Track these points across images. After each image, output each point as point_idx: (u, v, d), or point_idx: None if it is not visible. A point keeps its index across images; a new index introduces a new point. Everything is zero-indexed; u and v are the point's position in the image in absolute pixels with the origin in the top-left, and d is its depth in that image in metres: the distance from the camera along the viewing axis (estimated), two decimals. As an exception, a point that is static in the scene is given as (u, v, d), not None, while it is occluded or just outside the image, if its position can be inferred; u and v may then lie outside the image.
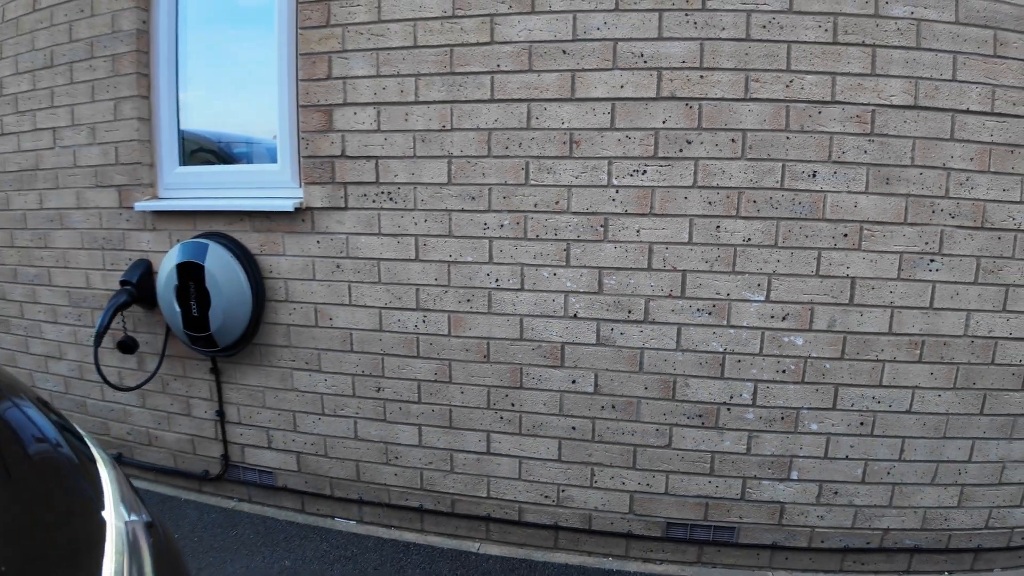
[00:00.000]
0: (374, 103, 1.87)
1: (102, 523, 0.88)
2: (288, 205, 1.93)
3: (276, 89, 1.97)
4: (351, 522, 2.19)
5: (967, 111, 1.71)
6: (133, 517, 0.97)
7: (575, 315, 1.86)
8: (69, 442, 1.10)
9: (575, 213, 1.81)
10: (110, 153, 2.23)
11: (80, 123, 2.29)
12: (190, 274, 1.97)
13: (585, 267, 1.83)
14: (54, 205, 2.39)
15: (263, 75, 2.03)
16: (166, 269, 2.02)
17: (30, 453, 1.04)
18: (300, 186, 2.01)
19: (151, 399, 2.35)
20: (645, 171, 1.76)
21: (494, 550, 2.05)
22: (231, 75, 2.27)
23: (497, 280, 1.89)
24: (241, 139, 2.41)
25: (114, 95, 2.20)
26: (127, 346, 2.18)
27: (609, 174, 1.78)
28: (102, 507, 0.94)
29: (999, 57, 1.70)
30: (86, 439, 1.17)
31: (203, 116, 2.30)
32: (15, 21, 2.43)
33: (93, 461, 1.11)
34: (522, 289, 1.88)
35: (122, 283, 2.17)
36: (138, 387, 2.24)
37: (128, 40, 2.17)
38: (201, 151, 2.29)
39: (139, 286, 2.17)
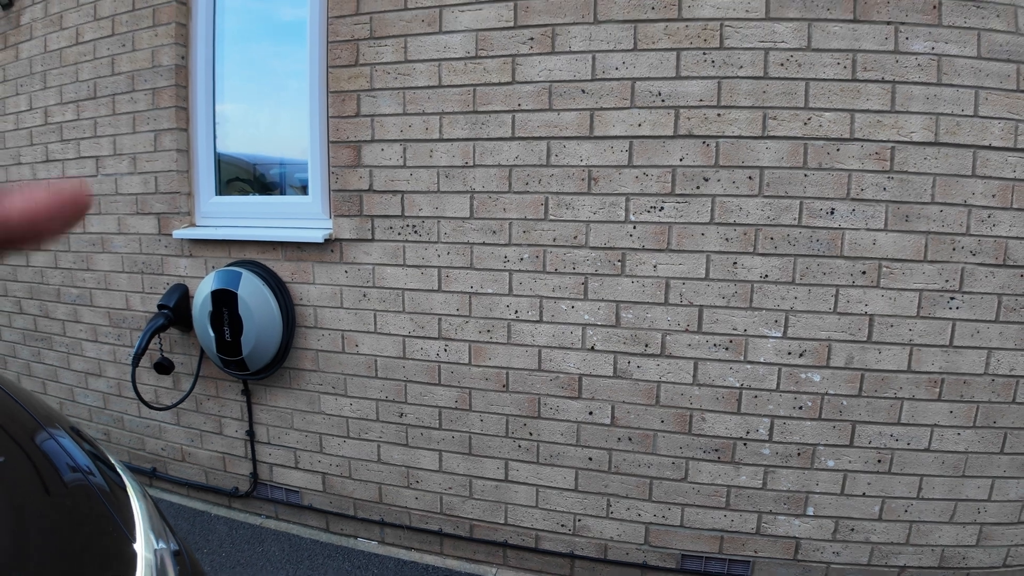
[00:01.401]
0: (400, 140, 1.95)
1: (133, 553, 0.95)
2: (318, 236, 2.02)
3: (307, 122, 2.07)
4: (373, 542, 2.26)
5: (989, 147, 1.71)
6: (161, 545, 1.04)
7: (592, 347, 1.90)
8: (101, 471, 1.18)
9: (593, 248, 1.86)
10: (150, 182, 2.36)
11: (122, 153, 2.41)
12: (224, 301, 2.07)
13: (603, 300, 1.87)
14: (96, 230, 2.53)
15: (295, 104, 2.13)
16: (202, 295, 2.12)
17: (66, 481, 1.12)
18: (330, 218, 2.10)
19: (185, 417, 2.46)
20: (662, 207, 1.80)
21: (511, 575, 2.09)
22: (265, 103, 2.38)
23: (516, 312, 1.94)
24: (275, 160, 2.51)
25: (154, 127, 2.32)
26: (163, 367, 2.29)
27: (627, 210, 1.82)
28: (133, 536, 1.01)
29: (1022, 91, 1.70)
30: (118, 468, 1.25)
31: (238, 141, 2.41)
32: (59, 52, 2.58)
33: (124, 489, 1.19)
34: (541, 321, 1.93)
35: (159, 307, 2.28)
36: (173, 406, 2.35)
37: (167, 75, 2.29)
38: (237, 180, 2.39)
39: (176, 310, 2.28)
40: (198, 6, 2.26)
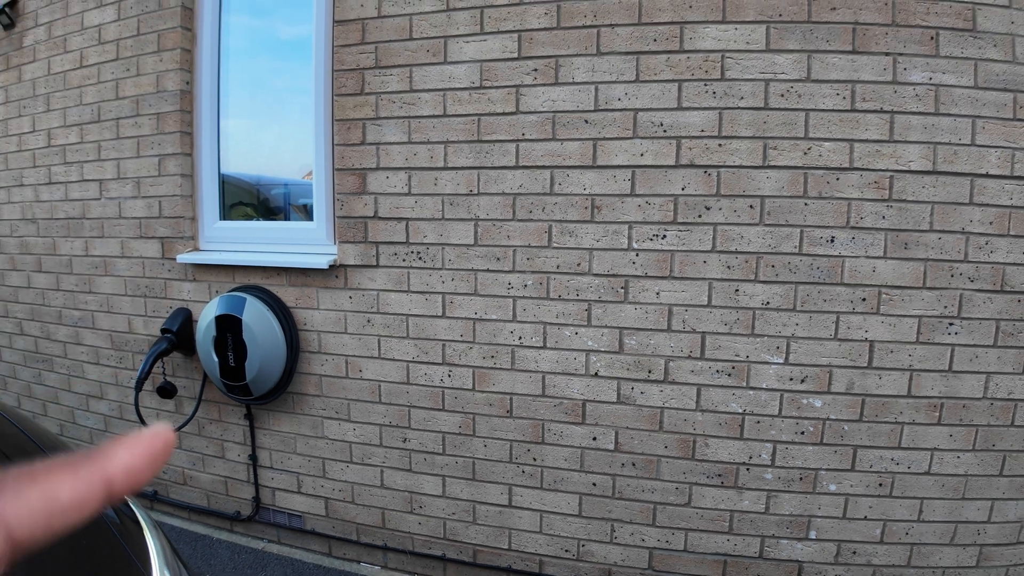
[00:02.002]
0: (405, 168, 1.97)
1: None
2: (323, 262, 2.03)
3: (312, 149, 2.09)
4: (376, 567, 2.26)
5: (986, 175, 1.74)
6: None
7: (596, 373, 1.91)
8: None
9: (596, 275, 1.88)
10: (154, 206, 2.37)
11: (126, 177, 2.43)
12: (228, 326, 2.08)
13: (606, 327, 1.89)
14: (99, 253, 2.53)
15: (299, 126, 2.15)
16: (205, 320, 2.12)
17: None
18: (334, 244, 2.11)
19: (187, 441, 2.46)
20: (665, 235, 1.82)
21: (515, 599, 2.09)
22: (269, 125, 2.41)
23: (520, 338, 1.96)
24: (279, 181, 2.53)
25: (159, 152, 2.34)
26: (166, 391, 2.30)
27: (629, 238, 1.84)
28: (148, 573, 1.02)
29: (1019, 120, 1.74)
30: (130, 502, 1.25)
31: (242, 162, 2.43)
32: (62, 75, 2.60)
33: (137, 523, 1.19)
34: (544, 347, 1.94)
35: (163, 331, 2.29)
36: (176, 430, 2.34)
37: (173, 100, 2.31)
38: (240, 204, 2.41)
39: (179, 334, 2.28)
40: (203, 32, 2.29)
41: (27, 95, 2.71)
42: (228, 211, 2.36)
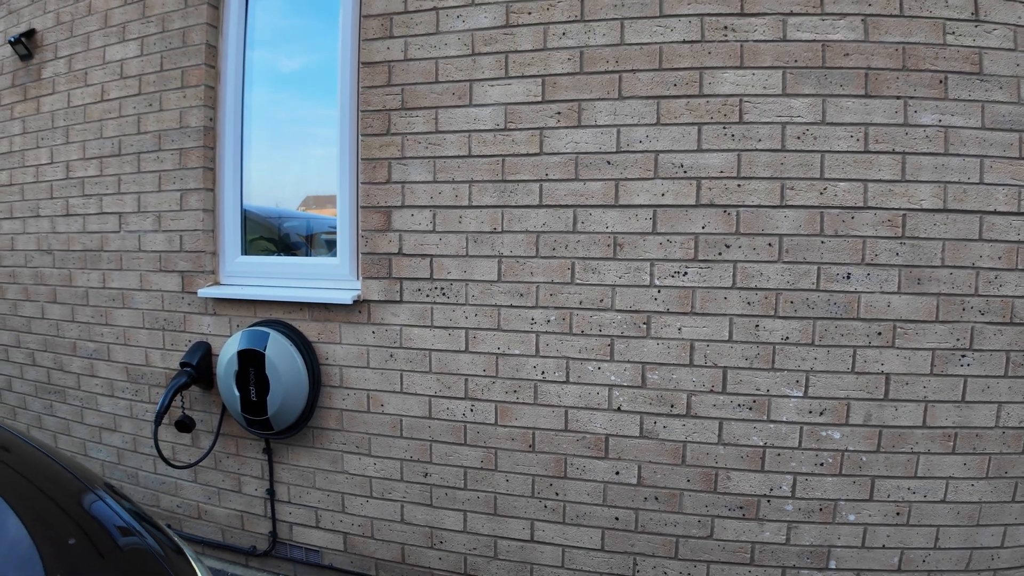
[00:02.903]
0: (430, 206, 2.02)
1: None
2: (347, 298, 2.07)
3: (337, 187, 2.13)
4: (395, 601, 2.25)
5: (995, 212, 1.81)
6: None
7: (619, 408, 1.95)
8: (151, 533, 1.21)
9: (619, 311, 1.92)
10: (175, 240, 2.40)
11: (146, 210, 2.46)
12: (251, 361, 2.10)
13: (629, 362, 1.93)
14: (117, 285, 2.55)
15: (322, 163, 2.20)
16: (227, 355, 2.14)
17: (120, 545, 1.14)
18: (358, 279, 2.15)
19: (203, 475, 2.46)
20: (686, 272, 1.87)
21: (537, 634, 2.10)
22: (292, 161, 2.45)
23: (543, 372, 1.99)
24: (301, 216, 2.57)
25: (180, 186, 2.38)
26: (185, 425, 2.30)
27: (651, 275, 1.89)
28: None
29: None
30: (172, 535, 1.26)
31: (264, 197, 2.47)
32: (83, 108, 2.64)
33: (181, 553, 1.20)
34: (567, 382, 1.98)
35: (182, 364, 2.30)
36: (193, 464, 2.35)
37: (196, 136, 2.35)
38: (261, 239, 2.44)
39: (198, 368, 2.30)
40: (227, 70, 2.34)
41: (45, 127, 2.75)
42: (248, 246, 2.40)
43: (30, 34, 2.82)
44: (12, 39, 2.79)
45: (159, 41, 2.43)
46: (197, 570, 1.17)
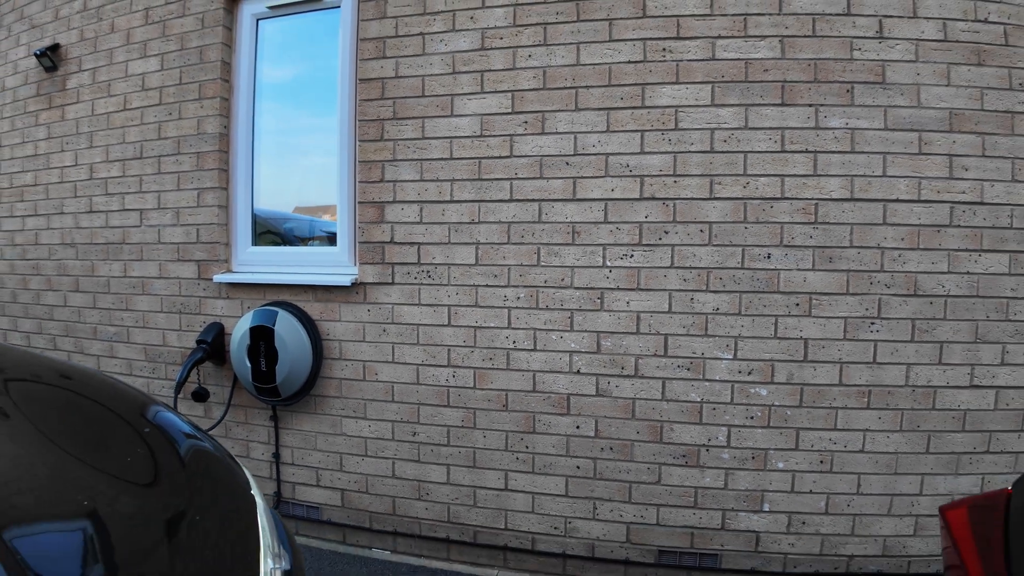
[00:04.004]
0: (418, 201, 2.62)
1: (253, 499, 1.41)
2: (346, 280, 2.66)
3: (337, 188, 2.74)
4: (386, 552, 2.81)
5: (897, 200, 2.37)
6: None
7: (578, 371, 2.53)
8: (207, 440, 1.51)
9: (577, 288, 2.51)
10: (192, 233, 3.00)
11: (166, 207, 3.06)
12: (261, 336, 2.68)
13: (586, 331, 2.51)
14: (137, 274, 3.15)
15: (326, 171, 2.80)
16: (240, 331, 2.73)
17: (187, 447, 1.38)
18: (355, 265, 2.74)
19: (215, 442, 3.04)
20: (632, 255, 2.46)
21: None
22: (297, 167, 3.06)
23: (514, 342, 2.58)
24: (305, 220, 3.18)
25: (198, 186, 2.98)
26: (200, 396, 2.88)
27: (604, 257, 2.48)
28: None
29: (923, 154, 2.36)
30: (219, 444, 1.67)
31: (272, 200, 3.08)
32: (106, 116, 3.25)
33: (231, 457, 1.57)
34: (535, 350, 2.56)
35: (198, 342, 2.89)
36: (208, 431, 2.92)
37: (212, 141, 2.96)
38: (268, 233, 3.05)
39: (213, 345, 2.88)
40: (239, 84, 2.95)
41: (70, 132, 3.36)
42: (257, 238, 3.00)
43: (55, 48, 3.44)
44: (38, 52, 3.40)
45: (178, 57, 3.05)
46: (245, 472, 1.65)
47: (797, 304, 2.40)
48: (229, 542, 1.20)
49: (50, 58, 3.41)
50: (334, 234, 2.84)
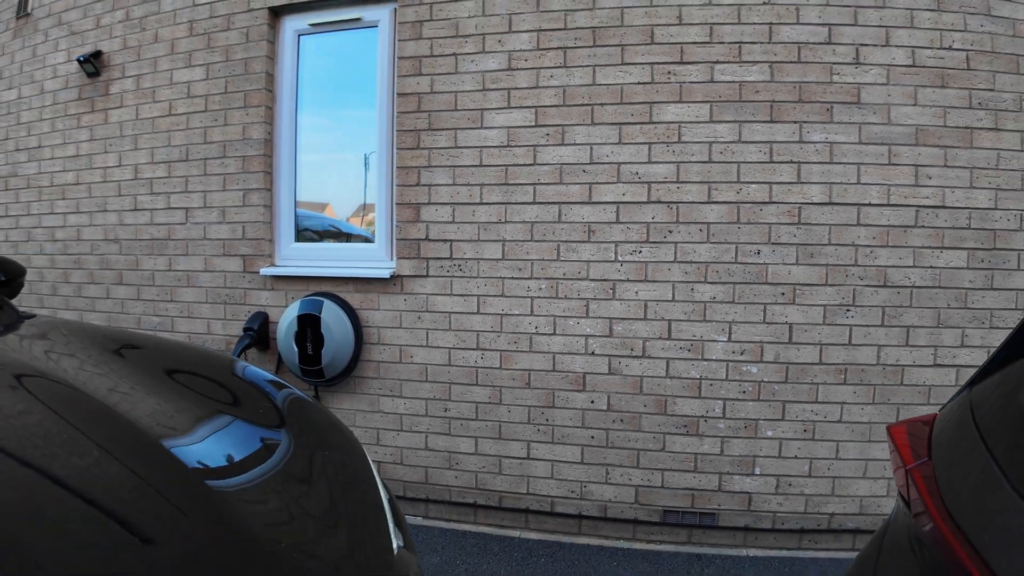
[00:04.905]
0: (450, 203, 3.18)
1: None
2: (386, 273, 3.21)
3: (376, 190, 3.30)
4: (418, 518, 3.38)
5: (869, 204, 2.97)
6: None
7: (593, 352, 3.12)
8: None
9: (592, 280, 3.10)
10: (238, 230, 3.55)
11: (212, 206, 3.60)
12: (308, 323, 3.24)
13: (600, 318, 3.10)
14: (182, 268, 3.69)
15: (363, 177, 3.38)
16: (288, 319, 3.29)
17: (280, 396, 1.52)
18: (392, 260, 3.30)
19: (258, 421, 3.59)
20: (641, 251, 3.05)
21: (532, 535, 3.23)
22: (337, 171, 3.63)
23: (536, 327, 3.16)
24: (340, 223, 3.74)
25: (243, 187, 3.53)
26: (248, 378, 3.43)
27: (616, 253, 3.07)
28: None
29: (892, 164, 2.95)
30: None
31: (314, 195, 3.65)
32: (151, 120, 3.78)
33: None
34: (555, 334, 3.14)
35: (245, 329, 3.44)
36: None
37: (257, 146, 3.50)
38: (307, 230, 3.61)
39: (258, 332, 3.44)
40: (282, 95, 3.49)
41: (113, 135, 3.88)
42: (298, 235, 3.57)
43: (97, 54, 3.95)
44: (81, 58, 3.90)
45: (223, 68, 3.59)
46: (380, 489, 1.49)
47: (783, 294, 3.00)
48: (360, 491, 1.38)
49: (93, 64, 3.90)
50: (352, 234, 3.41)
